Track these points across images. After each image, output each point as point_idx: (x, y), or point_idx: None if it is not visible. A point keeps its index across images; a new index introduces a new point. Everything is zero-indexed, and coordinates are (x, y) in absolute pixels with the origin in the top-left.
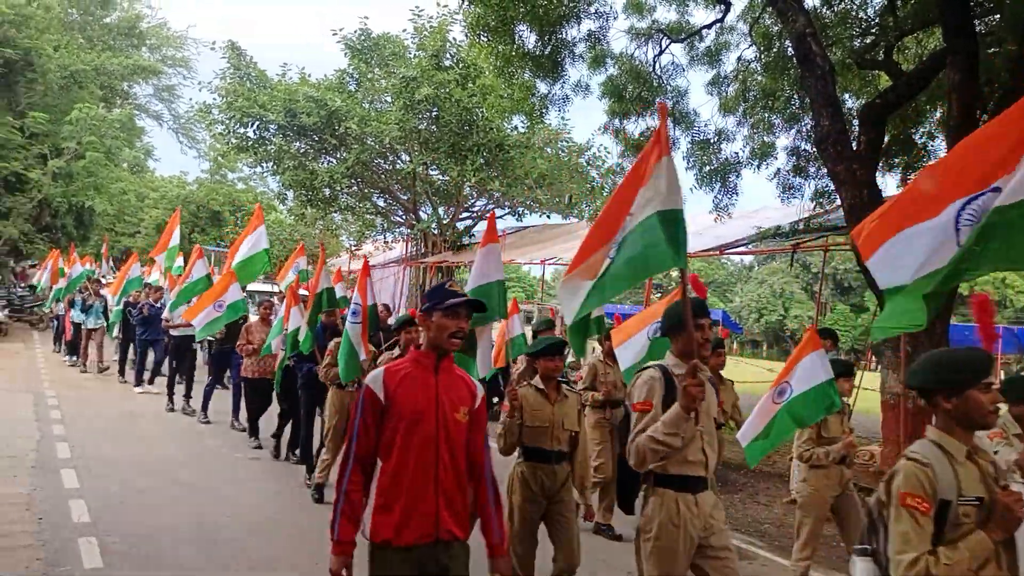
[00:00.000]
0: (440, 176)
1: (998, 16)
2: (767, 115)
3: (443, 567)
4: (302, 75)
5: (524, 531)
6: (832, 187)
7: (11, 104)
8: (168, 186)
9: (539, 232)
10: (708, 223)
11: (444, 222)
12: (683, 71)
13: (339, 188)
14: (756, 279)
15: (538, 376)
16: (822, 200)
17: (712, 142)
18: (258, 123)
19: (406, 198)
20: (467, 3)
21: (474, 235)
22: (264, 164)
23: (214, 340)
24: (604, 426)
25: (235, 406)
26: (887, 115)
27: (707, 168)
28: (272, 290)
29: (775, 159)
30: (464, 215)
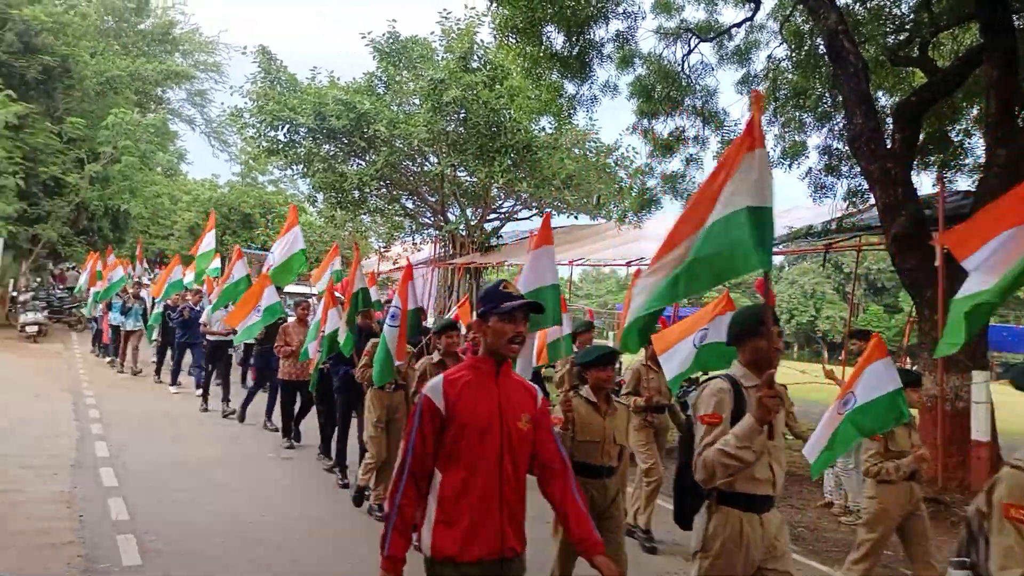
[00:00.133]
0: (468, 177)
1: None
2: (798, 114)
3: None
4: (331, 78)
5: (570, 550)
6: (865, 186)
7: (50, 110)
8: (200, 189)
9: (567, 233)
10: None
11: (472, 223)
12: (712, 70)
13: (368, 190)
14: (787, 279)
15: (587, 387)
16: (855, 199)
17: None
18: (288, 126)
19: (434, 200)
20: (495, 5)
21: (501, 236)
22: (294, 167)
23: (254, 342)
24: (647, 427)
25: (269, 407)
26: (922, 112)
27: None
28: (309, 291)
29: (806, 158)
30: (492, 216)
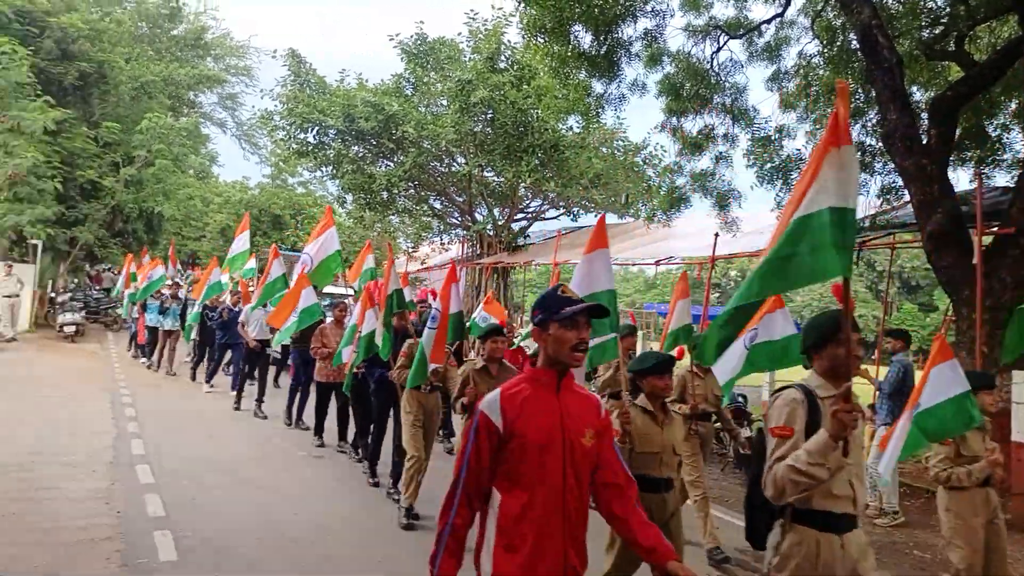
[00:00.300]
0: (495, 177)
1: None
2: (830, 110)
3: None
4: (360, 80)
5: (625, 565)
6: (899, 183)
7: (86, 115)
8: (231, 191)
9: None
10: (770, 222)
11: (499, 223)
12: (742, 67)
13: (396, 191)
14: None
15: (643, 396)
16: (889, 196)
17: (772, 139)
18: (318, 128)
19: (462, 200)
20: (523, 5)
21: (529, 236)
22: (323, 168)
23: (290, 342)
24: (694, 436)
25: (300, 406)
26: (959, 107)
27: (768, 166)
28: (345, 292)
29: None
30: (519, 216)
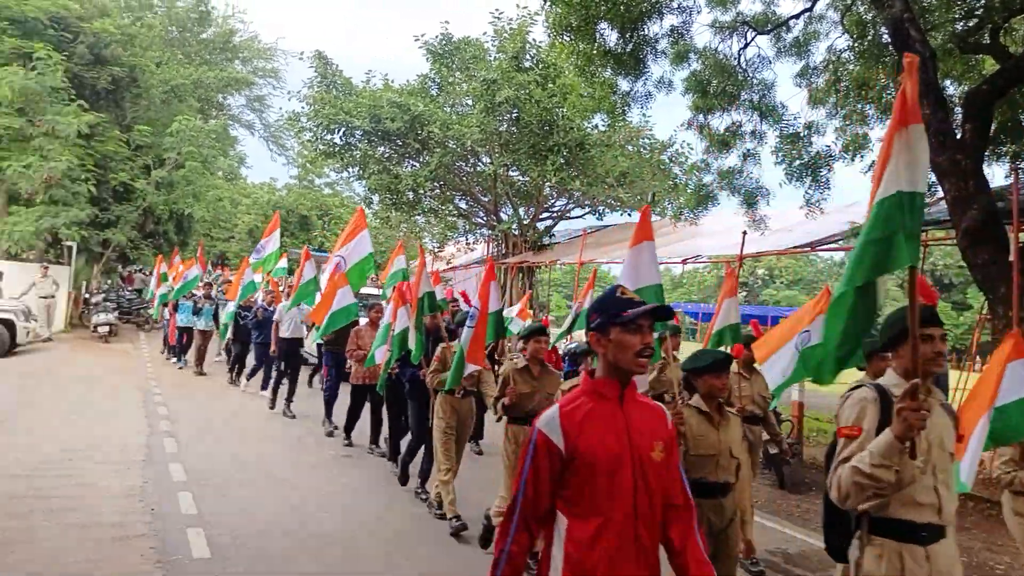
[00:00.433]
0: (520, 177)
1: None
2: (860, 105)
3: None
4: (386, 81)
5: None
6: (933, 179)
7: (118, 119)
8: (259, 192)
9: (621, 231)
10: (799, 219)
11: (524, 222)
12: (769, 63)
13: (422, 191)
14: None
15: (698, 396)
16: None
17: (801, 136)
18: (344, 129)
19: (487, 199)
20: (549, 3)
21: (554, 235)
22: (350, 169)
23: (321, 342)
24: (742, 440)
25: (329, 406)
26: (993, 101)
27: (796, 163)
28: (379, 293)
29: (870, 151)
30: (544, 215)
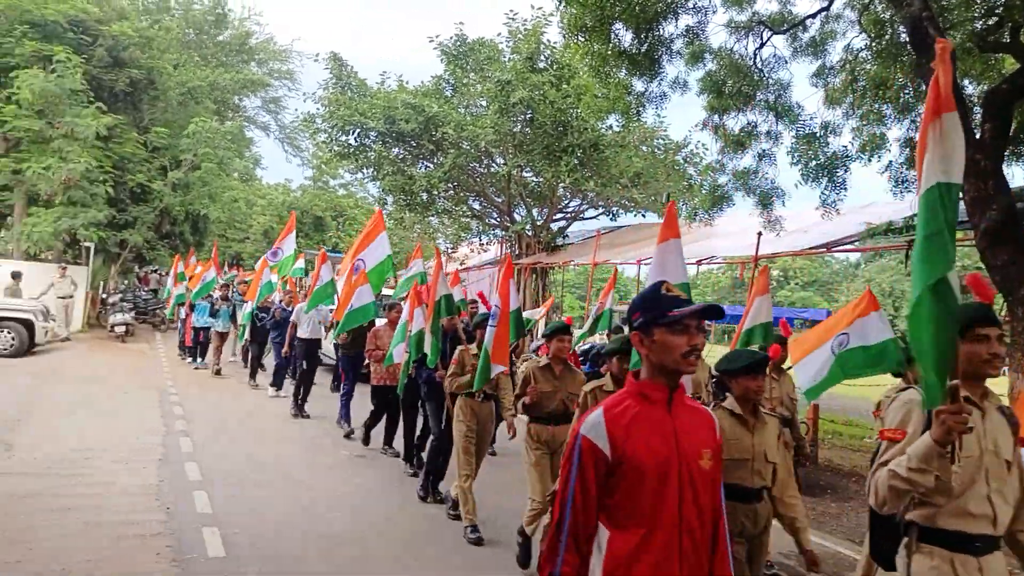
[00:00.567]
0: (534, 178)
1: None
2: (878, 105)
3: None
4: (400, 83)
5: None
6: None
7: (136, 121)
8: (274, 193)
9: (635, 231)
10: (815, 219)
11: (538, 223)
12: (785, 63)
13: (436, 192)
14: (863, 277)
15: (732, 398)
16: None
17: (818, 136)
18: (359, 130)
19: (501, 200)
20: (563, 4)
21: (568, 236)
22: (364, 170)
23: (338, 344)
24: None
25: (345, 408)
26: (1014, 100)
27: (812, 163)
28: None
29: (887, 151)
30: (558, 216)
